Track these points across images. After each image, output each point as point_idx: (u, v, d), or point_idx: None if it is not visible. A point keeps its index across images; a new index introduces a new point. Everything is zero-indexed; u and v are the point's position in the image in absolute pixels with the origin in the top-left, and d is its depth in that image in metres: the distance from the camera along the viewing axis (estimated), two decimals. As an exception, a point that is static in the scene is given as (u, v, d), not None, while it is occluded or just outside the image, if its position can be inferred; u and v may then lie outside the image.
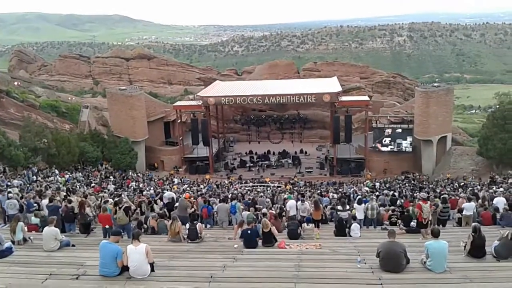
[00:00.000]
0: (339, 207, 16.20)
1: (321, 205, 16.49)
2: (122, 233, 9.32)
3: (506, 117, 35.73)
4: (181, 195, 21.36)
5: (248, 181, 39.86)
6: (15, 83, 61.75)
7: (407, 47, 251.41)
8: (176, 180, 38.16)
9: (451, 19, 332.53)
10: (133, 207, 15.46)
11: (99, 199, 18.83)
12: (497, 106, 44.34)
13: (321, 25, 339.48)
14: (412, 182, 36.25)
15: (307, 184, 38.18)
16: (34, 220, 13.61)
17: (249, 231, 11.57)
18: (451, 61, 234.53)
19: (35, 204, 16.13)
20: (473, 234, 9.60)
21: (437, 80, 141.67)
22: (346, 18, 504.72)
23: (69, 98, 67.22)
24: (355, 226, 13.93)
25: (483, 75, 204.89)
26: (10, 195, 16.77)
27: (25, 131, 34.91)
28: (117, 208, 13.69)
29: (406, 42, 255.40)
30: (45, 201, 15.72)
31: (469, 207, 15.22)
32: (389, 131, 43.26)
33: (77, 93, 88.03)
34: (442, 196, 17.41)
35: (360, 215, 15.85)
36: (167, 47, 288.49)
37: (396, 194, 24.93)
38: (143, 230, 14.06)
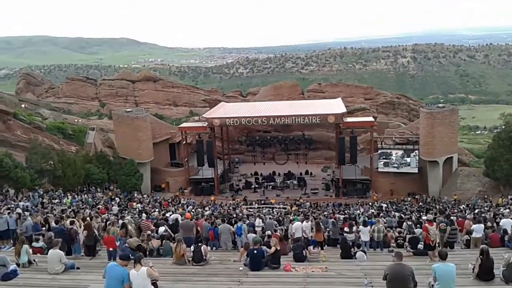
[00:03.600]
0: (346, 229, 16.08)
1: (322, 226, 16.36)
2: (131, 258, 9.28)
3: (512, 138, 35.61)
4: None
5: (254, 203, 39.70)
6: (22, 106, 62.38)
7: (411, 68, 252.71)
8: (181, 202, 38.09)
9: (454, 40, 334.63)
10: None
11: (104, 221, 18.79)
12: (503, 127, 44.22)
13: (325, 47, 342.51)
14: (420, 204, 35.98)
15: (313, 205, 37.98)
16: (36, 244, 13.58)
17: (255, 251, 11.48)
18: (455, 82, 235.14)
19: (43, 228, 16.18)
20: (481, 257, 9.48)
21: (441, 101, 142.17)
22: (349, 40, 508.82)
23: (76, 120, 67.75)
24: (360, 254, 13.65)
25: (487, 96, 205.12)
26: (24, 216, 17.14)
27: (31, 153, 35.14)
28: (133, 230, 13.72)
29: (410, 63, 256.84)
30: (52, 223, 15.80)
31: (478, 229, 15.03)
32: (396, 153, 43.15)
33: (83, 115, 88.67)
34: (450, 218, 17.26)
35: (365, 237, 15.69)
36: (172, 69, 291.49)
37: (403, 215, 24.73)
38: (148, 252, 14.00)
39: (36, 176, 32.84)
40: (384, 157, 43.26)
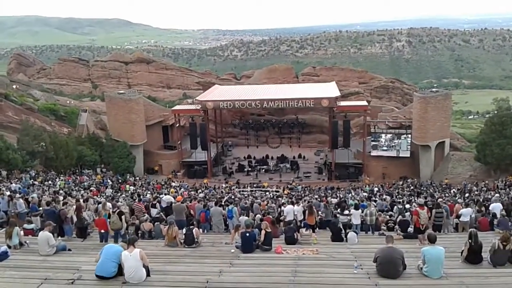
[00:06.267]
0: (338, 212, 16.18)
1: (315, 209, 16.45)
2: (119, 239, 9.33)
3: (504, 123, 35.82)
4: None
5: (246, 186, 39.84)
6: (14, 87, 61.52)
7: (405, 52, 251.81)
8: (174, 184, 38.11)
9: (449, 24, 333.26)
10: (125, 210, 15.45)
11: (96, 203, 18.80)
12: (495, 112, 44.42)
13: (320, 30, 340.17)
14: (411, 187, 36.25)
15: (305, 189, 38.16)
16: (28, 226, 13.56)
17: (247, 234, 11.54)
18: (450, 66, 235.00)
19: (40, 209, 16.21)
20: (469, 240, 9.58)
21: (435, 85, 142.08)
22: (344, 23, 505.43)
23: (68, 102, 67.02)
24: (352, 235, 13.78)
25: (481, 81, 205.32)
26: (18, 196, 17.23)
27: (23, 135, 34.88)
28: (111, 212, 13.72)
29: (405, 47, 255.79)
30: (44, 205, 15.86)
31: (466, 213, 15.21)
32: (385, 136, 43.30)
33: (75, 96, 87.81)
34: (437, 201, 17.41)
35: (356, 221, 15.80)
36: (166, 51, 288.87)
37: (395, 199, 24.92)
38: (140, 235, 14.04)
39: (27, 157, 32.65)
40: (373, 139, 43.43)
